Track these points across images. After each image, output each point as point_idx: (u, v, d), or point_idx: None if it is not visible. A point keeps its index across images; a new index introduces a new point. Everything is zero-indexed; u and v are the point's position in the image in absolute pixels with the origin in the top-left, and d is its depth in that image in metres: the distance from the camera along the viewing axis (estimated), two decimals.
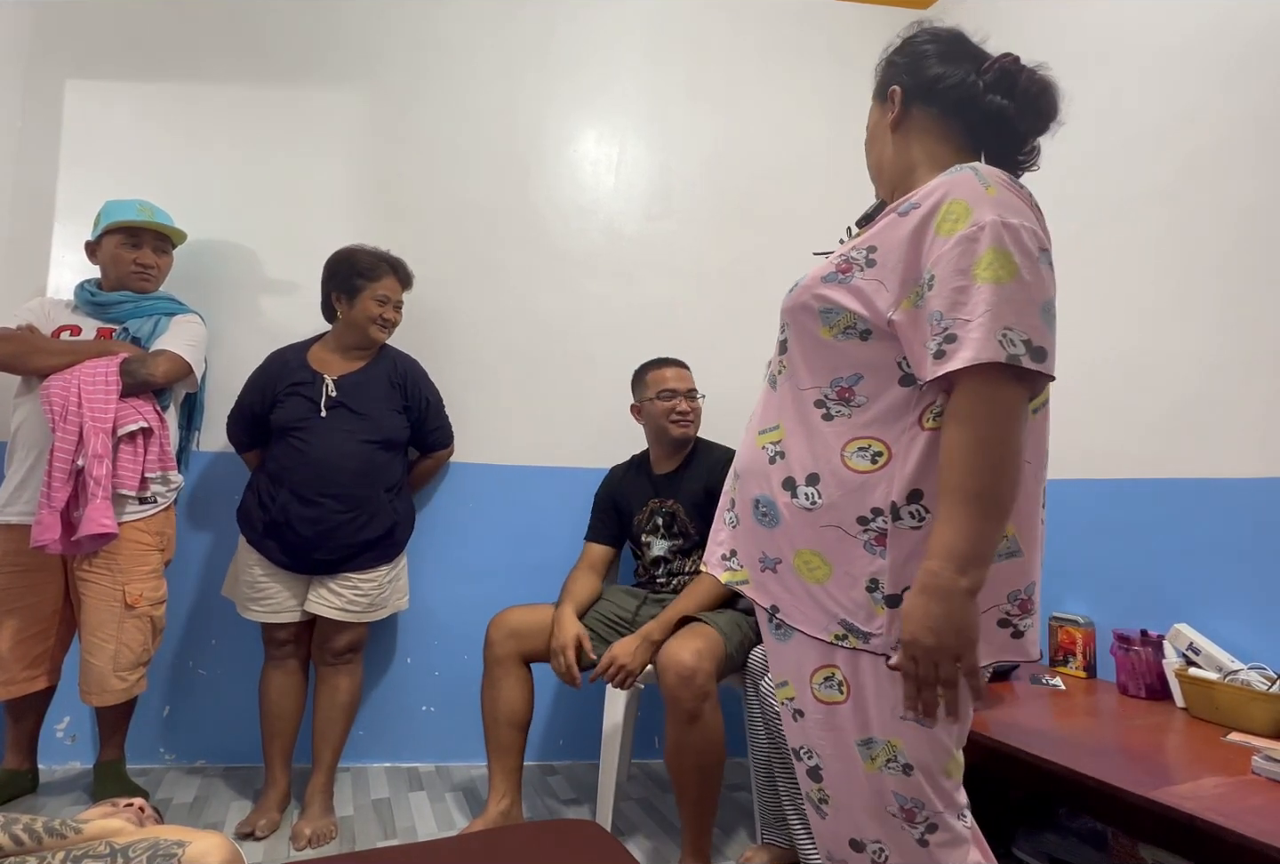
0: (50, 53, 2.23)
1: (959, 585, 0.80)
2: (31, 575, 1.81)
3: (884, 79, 1.08)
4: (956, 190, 0.88)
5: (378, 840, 1.79)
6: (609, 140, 2.55)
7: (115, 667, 1.78)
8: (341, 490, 1.87)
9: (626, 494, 2.09)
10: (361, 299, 1.95)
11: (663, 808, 2.03)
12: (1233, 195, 1.70)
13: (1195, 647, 1.59)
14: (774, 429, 1.01)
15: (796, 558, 0.95)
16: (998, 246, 0.83)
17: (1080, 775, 1.20)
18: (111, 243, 1.91)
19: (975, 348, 0.81)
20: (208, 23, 2.31)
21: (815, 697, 0.95)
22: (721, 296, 2.55)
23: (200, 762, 2.18)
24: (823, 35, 2.69)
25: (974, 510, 0.81)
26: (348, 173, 2.38)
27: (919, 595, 0.82)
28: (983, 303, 0.82)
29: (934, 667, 0.81)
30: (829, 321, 0.96)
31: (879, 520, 0.90)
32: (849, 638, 0.91)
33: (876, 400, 0.93)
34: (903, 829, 0.92)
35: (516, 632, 1.83)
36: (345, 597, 1.89)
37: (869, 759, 0.92)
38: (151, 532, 1.86)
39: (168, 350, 1.85)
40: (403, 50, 2.42)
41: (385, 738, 2.27)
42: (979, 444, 0.81)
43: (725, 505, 1.09)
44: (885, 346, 0.92)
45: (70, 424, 1.71)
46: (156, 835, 0.85)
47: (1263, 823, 1.01)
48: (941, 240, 0.86)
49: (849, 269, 0.94)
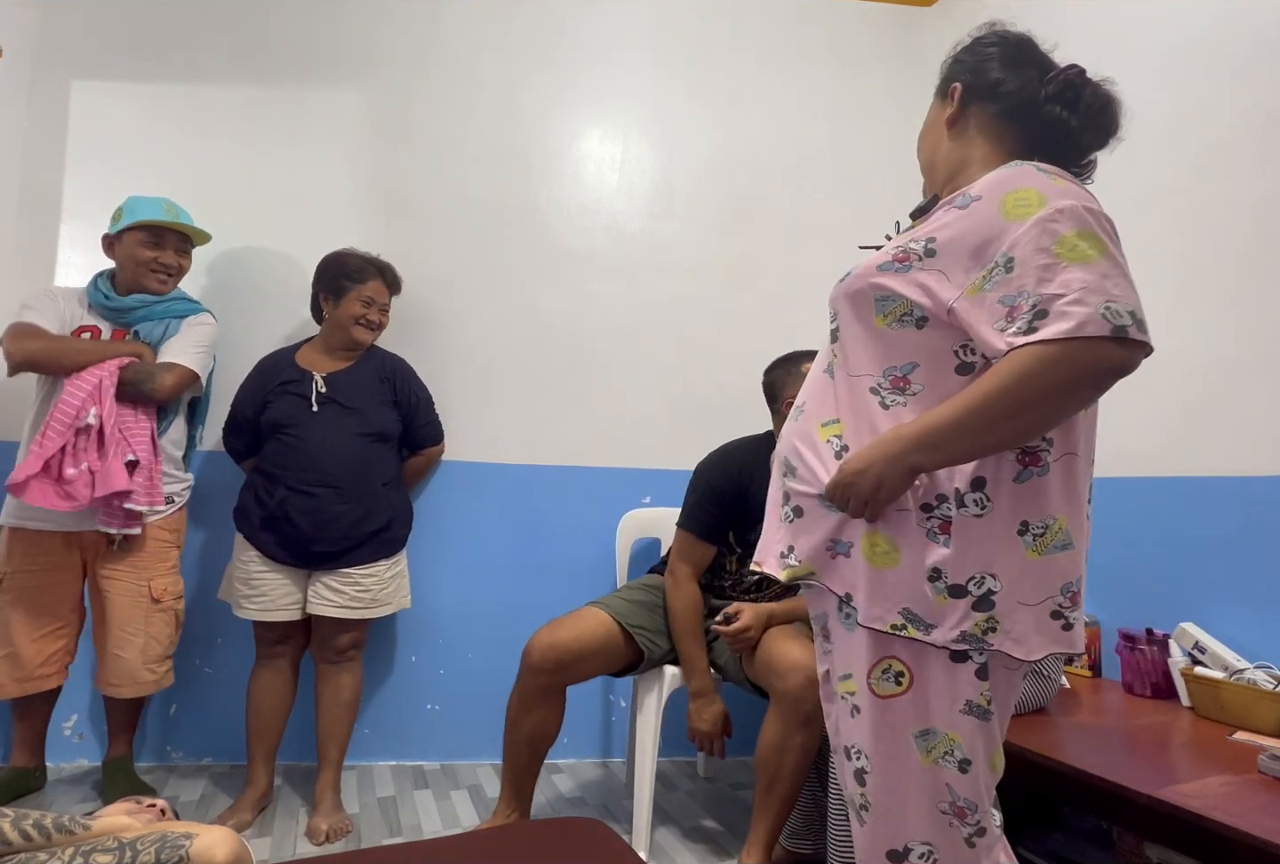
0: (55, 54, 2.23)
1: (908, 457, 0.88)
2: (49, 575, 1.83)
3: (947, 76, 1.09)
4: (1022, 180, 0.89)
5: (383, 838, 1.79)
6: (612, 139, 2.55)
7: (145, 659, 1.83)
8: (337, 481, 1.87)
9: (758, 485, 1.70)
10: (347, 300, 1.96)
11: (667, 805, 2.03)
12: (1241, 192, 1.69)
13: (1201, 646, 1.59)
14: (835, 422, 1.00)
15: (865, 539, 0.94)
16: (1083, 228, 0.84)
17: (1086, 774, 1.20)
18: (133, 240, 1.89)
19: (1075, 320, 0.80)
20: (212, 23, 2.32)
21: (872, 691, 0.94)
22: (724, 295, 2.55)
23: (206, 760, 2.19)
24: (824, 34, 2.69)
25: (973, 420, 0.85)
26: (352, 172, 2.38)
27: (875, 442, 0.91)
28: (1077, 280, 0.82)
29: (844, 501, 0.92)
30: (883, 310, 0.96)
31: (943, 507, 0.90)
32: (908, 628, 0.90)
33: (933, 389, 0.93)
34: (951, 826, 0.92)
35: (566, 663, 1.68)
36: (347, 593, 1.89)
37: (925, 751, 0.91)
38: (170, 529, 1.91)
39: (178, 365, 1.84)
40: (406, 50, 2.43)
41: (390, 736, 2.28)
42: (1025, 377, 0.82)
43: (778, 500, 1.07)
44: (941, 335, 0.93)
45: (84, 381, 1.72)
46: (164, 829, 0.86)
47: (1269, 821, 1.01)
48: (1015, 225, 0.86)
49: (907, 259, 0.94)
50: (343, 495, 1.88)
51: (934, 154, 1.09)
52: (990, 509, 0.89)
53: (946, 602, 0.89)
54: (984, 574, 0.89)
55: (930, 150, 1.09)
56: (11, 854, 0.80)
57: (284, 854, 1.70)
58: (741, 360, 2.48)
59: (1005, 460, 0.90)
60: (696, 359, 2.34)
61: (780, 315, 2.49)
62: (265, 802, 1.91)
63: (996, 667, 0.91)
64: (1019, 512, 0.90)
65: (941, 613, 0.89)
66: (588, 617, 1.76)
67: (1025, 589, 0.89)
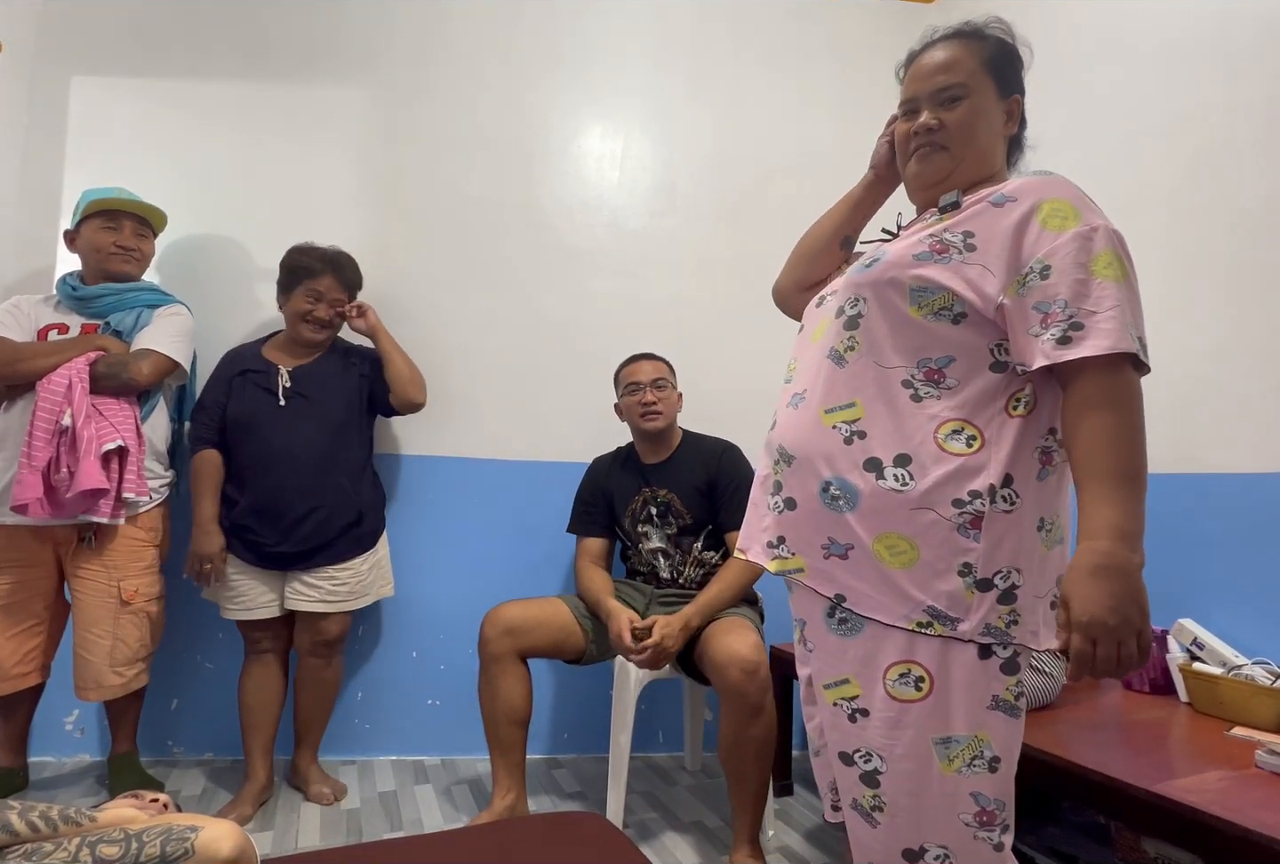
0: (56, 51, 2.23)
1: (1134, 562, 0.81)
2: (24, 571, 1.79)
3: (1012, 76, 1.06)
4: (1056, 190, 0.92)
5: (384, 833, 1.80)
6: (613, 136, 2.54)
7: (111, 662, 1.78)
8: (300, 485, 1.88)
9: (615, 484, 2.07)
10: (295, 295, 1.96)
11: (666, 800, 2.04)
12: (1237, 192, 1.69)
13: (1199, 641, 1.59)
14: (848, 407, 0.97)
15: (877, 542, 0.92)
16: (1113, 249, 0.88)
17: (1084, 769, 1.21)
18: (90, 228, 1.88)
19: (1113, 337, 0.84)
20: (212, 20, 2.31)
21: (889, 693, 0.92)
22: (725, 292, 2.54)
23: (208, 754, 2.20)
24: (825, 31, 2.68)
25: (1131, 491, 0.83)
26: (352, 169, 2.38)
27: (1092, 577, 0.81)
28: (1110, 297, 0.86)
29: (1116, 646, 0.79)
30: (920, 301, 0.95)
31: (976, 503, 0.90)
32: (934, 625, 0.90)
33: (968, 384, 0.93)
34: (975, 838, 0.91)
35: (512, 628, 1.80)
36: (323, 588, 1.91)
37: (946, 760, 0.90)
38: (146, 527, 1.85)
39: (154, 351, 1.80)
40: (407, 47, 2.42)
41: (391, 731, 2.28)
42: (1127, 428, 0.85)
43: (767, 490, 1.05)
44: (979, 331, 0.93)
45: (55, 385, 1.69)
46: (170, 822, 0.87)
47: (1266, 816, 1.01)
48: (1051, 234, 0.89)
49: (945, 251, 0.94)
50: (305, 499, 1.88)
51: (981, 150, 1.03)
52: (1019, 505, 0.90)
53: (974, 595, 0.89)
54: (1011, 568, 0.90)
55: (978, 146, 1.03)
56: (19, 844, 0.81)
57: (286, 847, 1.70)
58: (741, 358, 2.49)
59: (1029, 458, 0.92)
60: (696, 356, 2.34)
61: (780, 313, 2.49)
62: (266, 795, 1.92)
63: (1023, 661, 0.92)
64: (1039, 508, 0.92)
65: (967, 607, 0.89)
66: (540, 599, 1.93)
67: (1039, 583, 0.91)
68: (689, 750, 2.30)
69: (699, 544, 1.98)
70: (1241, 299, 1.68)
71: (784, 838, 1.85)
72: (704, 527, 1.97)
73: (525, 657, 1.83)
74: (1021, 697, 0.92)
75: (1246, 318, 1.66)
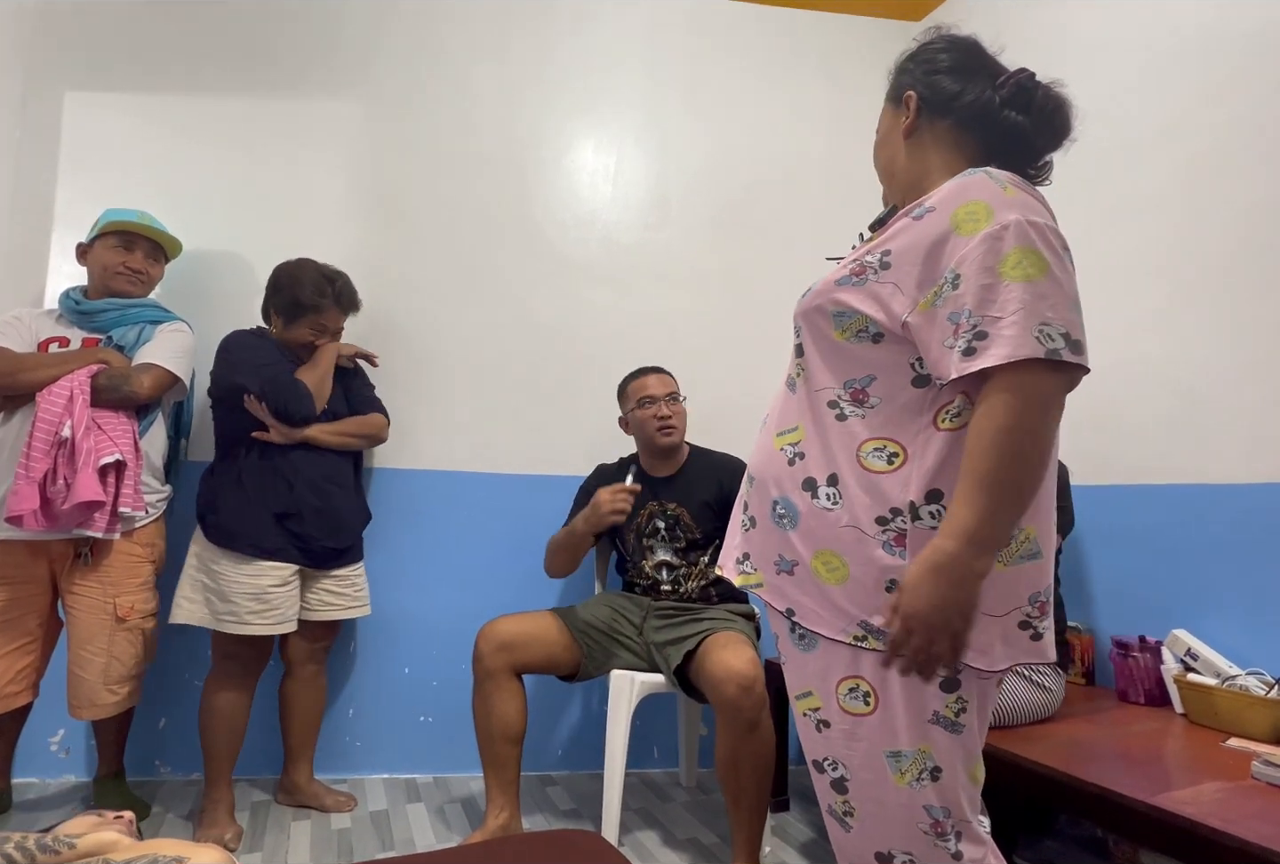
0: (49, 63, 2.23)
1: (973, 568, 0.81)
2: (19, 588, 1.76)
3: (898, 83, 1.08)
4: (974, 192, 0.89)
5: (376, 852, 1.77)
6: (606, 150, 2.56)
7: (106, 680, 1.76)
8: (336, 476, 1.96)
9: None
10: (298, 325, 1.95)
11: (662, 817, 2.02)
12: (1231, 199, 1.71)
13: (1194, 652, 1.59)
14: (793, 430, 1.01)
15: (815, 559, 0.95)
16: (1026, 245, 0.84)
17: (1080, 782, 1.20)
18: (103, 245, 1.89)
19: (1011, 344, 0.81)
20: (206, 33, 2.33)
21: (842, 707, 0.94)
22: (718, 305, 2.56)
23: (195, 774, 2.15)
24: (815, 47, 2.72)
25: (995, 496, 0.81)
26: (346, 182, 2.39)
27: (929, 572, 0.81)
28: (1014, 301, 0.82)
29: (929, 643, 0.81)
30: (841, 324, 0.96)
31: (898, 520, 0.90)
32: (868, 639, 0.90)
33: (890, 401, 0.93)
34: (935, 846, 0.91)
35: (507, 644, 1.79)
36: (349, 594, 2.00)
37: (898, 773, 0.91)
38: (142, 543, 1.83)
39: (155, 366, 1.80)
40: (401, 60, 2.44)
41: (383, 749, 2.26)
42: (1006, 432, 0.81)
43: (740, 508, 1.09)
44: (897, 349, 0.93)
45: (56, 396, 1.68)
46: (155, 851, 0.84)
47: (1263, 827, 1.01)
48: (964, 239, 0.86)
49: (863, 272, 0.94)
50: (345, 493, 1.97)
51: (892, 164, 1.08)
52: None
53: None
54: None
55: (888, 160, 1.09)
56: None
57: None
58: (735, 369, 2.50)
59: None
60: (689, 368, 2.34)
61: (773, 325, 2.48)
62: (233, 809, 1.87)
63: (966, 678, 0.90)
64: None
65: None
66: (535, 614, 1.92)
67: (989, 601, 0.87)
68: (684, 766, 2.28)
69: (705, 558, 1.97)
70: (1233, 309, 1.69)
71: (781, 854, 1.83)
72: (712, 541, 1.96)
73: (520, 672, 1.82)
74: (964, 712, 0.90)
75: (1238, 327, 1.68)
